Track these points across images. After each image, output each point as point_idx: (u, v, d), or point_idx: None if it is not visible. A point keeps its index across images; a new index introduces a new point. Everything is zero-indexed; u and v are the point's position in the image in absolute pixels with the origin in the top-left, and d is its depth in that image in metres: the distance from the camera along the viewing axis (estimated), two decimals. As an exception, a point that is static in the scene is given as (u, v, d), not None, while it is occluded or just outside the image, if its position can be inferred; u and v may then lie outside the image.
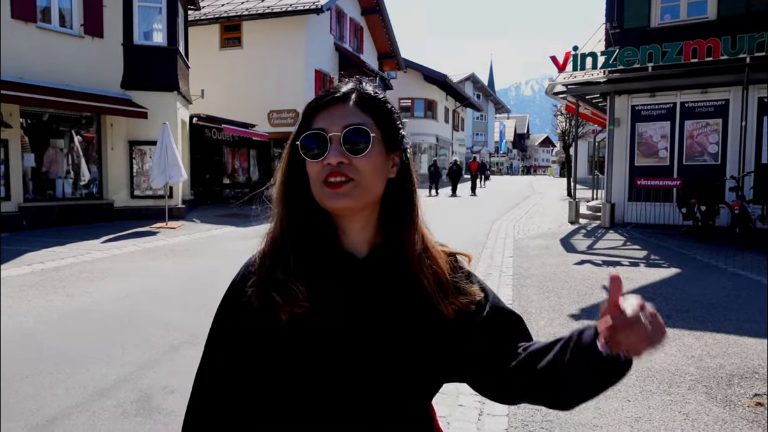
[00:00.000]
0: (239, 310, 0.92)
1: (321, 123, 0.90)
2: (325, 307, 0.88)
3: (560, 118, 25.35)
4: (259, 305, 0.89)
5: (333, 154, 0.87)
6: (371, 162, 0.89)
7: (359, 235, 0.94)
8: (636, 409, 3.36)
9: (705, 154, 11.91)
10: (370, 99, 0.93)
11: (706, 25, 11.60)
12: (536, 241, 10.36)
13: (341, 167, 0.87)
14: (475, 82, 49.45)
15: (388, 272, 0.92)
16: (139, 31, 13.86)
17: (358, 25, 26.22)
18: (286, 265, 0.90)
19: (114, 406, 3.40)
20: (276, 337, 0.88)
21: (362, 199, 0.90)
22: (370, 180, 0.89)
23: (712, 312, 5.48)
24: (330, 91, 0.93)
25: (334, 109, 0.91)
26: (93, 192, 13.39)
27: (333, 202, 0.88)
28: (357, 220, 0.93)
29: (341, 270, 0.92)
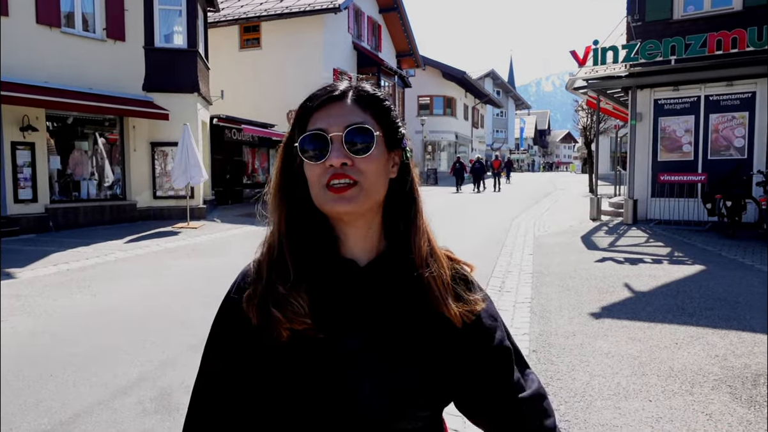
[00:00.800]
0: (237, 324, 0.88)
1: (320, 123, 0.85)
2: (327, 321, 0.84)
3: (581, 113, 25.00)
4: (258, 321, 0.85)
5: (335, 155, 0.82)
6: (374, 162, 0.85)
7: (361, 242, 0.90)
8: (657, 409, 3.30)
9: (731, 149, 11.63)
10: (369, 97, 0.89)
11: (731, 16, 11.32)
12: (557, 239, 10.24)
13: (344, 169, 0.83)
14: (494, 78, 49.06)
15: (392, 280, 0.88)
16: (160, 33, 14.07)
17: (375, 24, 26.22)
18: (285, 278, 0.85)
19: (135, 404, 3.46)
20: (276, 353, 0.84)
21: (367, 203, 0.85)
22: (375, 181, 0.85)
23: (738, 310, 5.35)
24: (327, 89, 0.88)
25: (333, 108, 0.86)
26: (117, 193, 13.64)
27: (337, 207, 0.83)
28: (359, 226, 0.89)
29: (343, 280, 0.88)
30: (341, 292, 0.87)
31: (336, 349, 0.84)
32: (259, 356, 0.86)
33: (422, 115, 34.51)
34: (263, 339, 0.85)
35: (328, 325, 0.84)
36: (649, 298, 5.90)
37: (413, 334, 0.87)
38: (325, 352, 0.84)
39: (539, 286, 6.48)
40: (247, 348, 0.87)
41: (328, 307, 0.85)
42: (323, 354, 0.84)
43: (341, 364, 0.84)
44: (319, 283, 0.86)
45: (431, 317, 0.88)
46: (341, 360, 0.84)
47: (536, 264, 7.82)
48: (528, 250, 9.04)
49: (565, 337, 4.63)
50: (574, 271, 7.29)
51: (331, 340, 0.84)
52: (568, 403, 3.39)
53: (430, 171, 32.60)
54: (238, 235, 11.32)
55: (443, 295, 0.88)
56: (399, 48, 28.89)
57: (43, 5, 11.60)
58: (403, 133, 0.92)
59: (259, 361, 0.86)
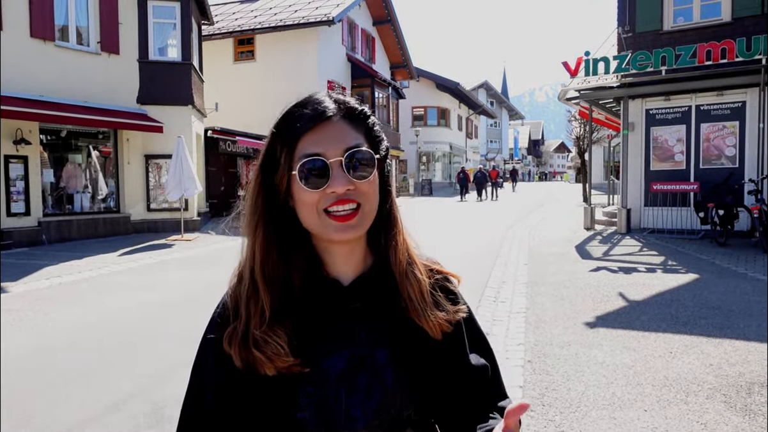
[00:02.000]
0: (219, 362, 0.84)
1: (315, 147, 0.81)
2: (312, 349, 0.82)
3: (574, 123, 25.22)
4: (241, 363, 0.81)
5: (339, 181, 0.79)
6: (373, 184, 0.83)
7: (346, 260, 0.88)
8: (653, 419, 3.29)
9: (722, 158, 11.73)
10: (357, 113, 0.85)
11: (720, 27, 11.47)
12: (551, 248, 10.27)
13: (348, 194, 0.80)
14: (488, 89, 49.41)
15: (375, 297, 0.87)
16: (154, 47, 14.12)
17: (369, 36, 26.40)
18: (262, 317, 0.81)
19: (127, 419, 3.43)
20: (264, 387, 0.81)
21: (367, 226, 0.83)
22: (373, 203, 0.84)
23: (732, 318, 5.36)
24: (315, 109, 0.83)
25: (325, 130, 0.82)
26: (110, 206, 13.60)
27: (340, 235, 0.81)
28: (347, 245, 0.86)
29: (327, 301, 0.85)
30: (325, 315, 0.85)
31: (323, 374, 0.82)
32: (246, 390, 0.82)
33: (416, 126, 34.66)
34: (249, 374, 0.81)
35: (313, 352, 0.82)
36: (644, 307, 5.91)
37: (399, 353, 0.86)
38: (312, 378, 0.81)
39: (534, 296, 6.49)
40: (232, 384, 0.83)
41: (313, 333, 0.83)
42: (311, 381, 0.81)
43: (329, 388, 0.82)
44: (301, 311, 0.83)
45: (414, 332, 0.86)
46: (329, 384, 0.82)
47: (531, 274, 7.83)
48: (523, 259, 9.05)
49: (560, 347, 4.62)
50: (568, 281, 7.30)
51: (317, 366, 0.82)
52: (563, 413, 3.38)
53: (425, 181, 32.68)
54: (233, 248, 11.23)
55: (422, 307, 0.86)
56: (393, 60, 29.08)
57: (37, 19, 11.63)
58: (387, 148, 0.90)
59: (247, 394, 0.83)
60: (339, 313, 0.86)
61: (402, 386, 0.85)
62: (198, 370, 0.88)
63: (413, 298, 0.87)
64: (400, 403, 0.84)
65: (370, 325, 0.87)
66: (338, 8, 20.68)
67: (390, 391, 0.84)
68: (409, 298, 0.87)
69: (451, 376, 0.89)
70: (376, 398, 0.83)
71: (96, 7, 12.89)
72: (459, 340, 0.91)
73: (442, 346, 0.88)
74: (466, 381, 0.91)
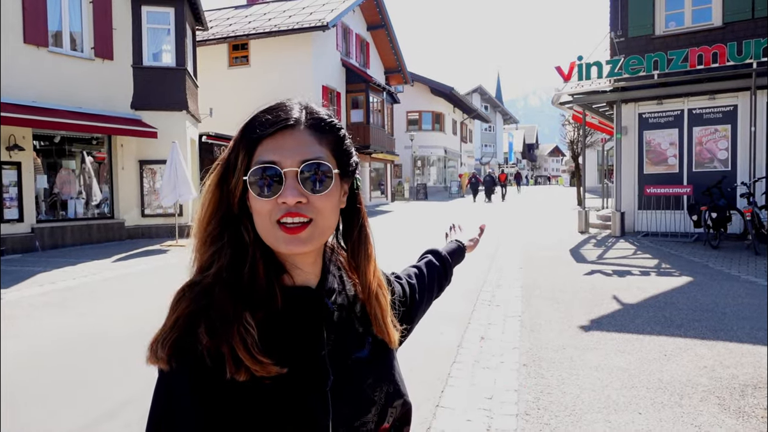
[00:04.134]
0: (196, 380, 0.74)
1: (271, 155, 0.77)
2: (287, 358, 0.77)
3: (568, 127, 25.29)
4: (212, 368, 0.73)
5: (290, 192, 0.76)
6: (330, 199, 0.80)
7: (310, 269, 0.86)
8: (647, 421, 3.31)
9: (715, 161, 11.81)
10: (324, 124, 0.82)
11: (711, 32, 11.58)
12: (546, 252, 10.29)
13: (299, 207, 0.77)
14: (482, 93, 49.59)
15: (343, 304, 0.88)
16: (149, 52, 14.10)
17: (364, 41, 26.47)
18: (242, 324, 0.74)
19: (122, 427, 3.41)
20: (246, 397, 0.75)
21: (320, 242, 0.82)
22: (329, 219, 0.81)
23: (725, 321, 5.40)
24: (278, 115, 0.80)
25: (285, 138, 0.79)
26: (104, 212, 13.54)
27: (290, 249, 0.78)
28: (309, 255, 0.84)
29: (296, 307, 0.82)
30: (299, 320, 0.81)
31: (305, 379, 0.79)
32: (229, 403, 0.75)
33: (411, 131, 34.72)
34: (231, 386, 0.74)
35: (292, 358, 0.78)
36: (638, 310, 5.94)
37: (374, 349, 0.90)
38: (295, 385, 0.78)
39: (529, 300, 6.50)
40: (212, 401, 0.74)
41: (289, 339, 0.80)
42: (288, 392, 0.78)
43: (308, 399, 0.79)
44: (274, 317, 0.79)
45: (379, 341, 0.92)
46: (312, 389, 0.79)
47: (526, 278, 7.85)
48: (517, 263, 9.08)
49: (554, 351, 4.64)
50: (563, 285, 7.32)
51: (298, 372, 0.78)
52: (558, 417, 3.39)
53: (420, 186, 32.74)
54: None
55: (384, 326, 0.91)
56: (387, 64, 29.17)
57: (30, 25, 11.60)
58: (356, 163, 0.87)
59: (230, 407, 0.75)
60: (316, 319, 0.83)
61: (384, 387, 0.89)
62: (161, 409, 0.76)
63: (379, 318, 0.91)
64: (384, 385, 0.89)
65: (347, 327, 0.88)
66: (332, 13, 20.73)
67: (373, 382, 0.87)
68: (375, 318, 0.91)
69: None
70: (363, 394, 0.86)
71: (90, 12, 12.87)
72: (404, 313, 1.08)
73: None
74: None
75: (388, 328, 0.92)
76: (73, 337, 5.38)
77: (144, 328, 4.13)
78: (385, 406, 0.89)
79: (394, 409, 0.90)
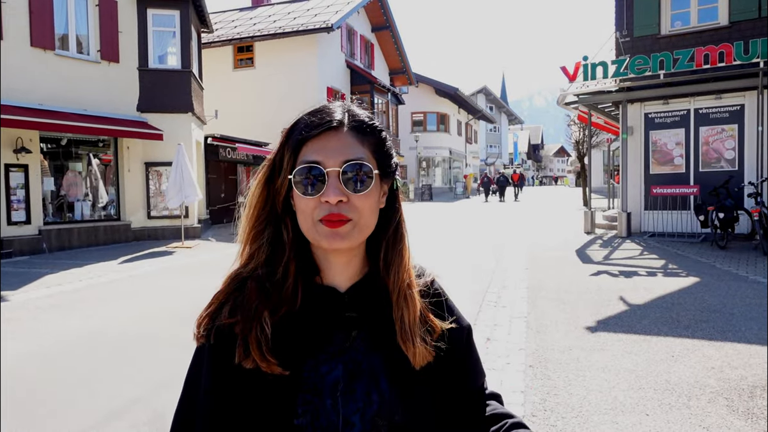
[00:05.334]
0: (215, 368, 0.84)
1: (315, 155, 0.81)
2: (309, 358, 0.84)
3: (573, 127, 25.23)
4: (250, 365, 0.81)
5: (332, 192, 0.79)
6: (370, 199, 0.83)
7: (344, 268, 0.88)
8: (654, 423, 3.29)
9: (722, 161, 11.75)
10: (366, 127, 0.86)
11: (717, 31, 11.51)
12: (552, 252, 10.26)
13: (340, 207, 0.80)
14: (487, 94, 49.52)
15: (371, 306, 0.88)
16: (154, 55, 14.18)
17: (368, 42, 26.49)
18: (262, 320, 0.82)
19: (129, 427, 3.42)
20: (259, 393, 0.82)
21: (359, 239, 0.84)
22: (369, 219, 0.84)
23: (733, 321, 5.36)
24: (323, 118, 0.84)
25: (329, 139, 0.82)
26: (111, 214, 13.61)
27: (330, 243, 0.81)
28: (344, 255, 0.87)
29: (324, 307, 0.86)
30: (322, 322, 0.86)
31: (320, 381, 0.83)
32: (243, 397, 0.82)
33: (416, 132, 34.72)
34: (246, 380, 0.82)
35: (309, 359, 0.83)
36: (645, 311, 5.90)
37: (393, 362, 0.87)
38: (308, 385, 0.82)
39: (535, 300, 6.48)
40: (229, 391, 0.83)
41: (309, 340, 0.84)
42: (307, 388, 0.82)
43: (326, 395, 0.82)
44: (298, 317, 0.84)
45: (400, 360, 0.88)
46: (326, 391, 0.83)
47: (532, 278, 7.83)
48: (523, 264, 9.05)
49: (561, 352, 4.62)
50: (569, 285, 7.29)
51: (314, 373, 0.83)
52: (565, 418, 3.37)
53: (424, 187, 32.71)
54: (233, 255, 11.26)
55: (410, 334, 0.87)
56: (392, 66, 29.18)
57: (37, 28, 11.68)
58: (396, 165, 0.91)
59: (243, 401, 0.82)
60: (335, 321, 0.87)
61: (396, 394, 0.85)
62: (192, 377, 0.88)
63: (405, 322, 0.87)
64: (395, 410, 0.85)
65: (365, 333, 0.88)
66: (337, 15, 20.77)
67: (386, 398, 0.85)
68: (401, 321, 0.87)
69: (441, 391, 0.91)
70: (373, 405, 0.84)
71: (96, 15, 12.95)
72: (453, 355, 0.93)
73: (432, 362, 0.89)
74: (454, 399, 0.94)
75: (413, 336, 0.87)
76: (79, 339, 5.40)
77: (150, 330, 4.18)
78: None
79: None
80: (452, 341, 0.92)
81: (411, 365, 0.87)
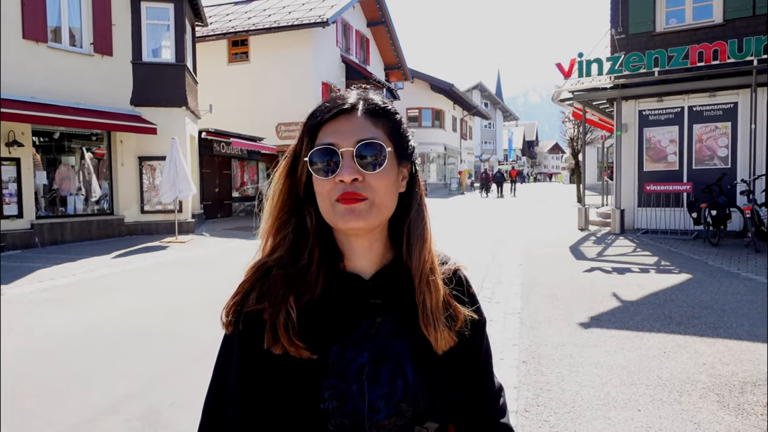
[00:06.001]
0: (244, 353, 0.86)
1: (330, 137, 0.83)
2: (335, 343, 0.86)
3: (568, 124, 25.28)
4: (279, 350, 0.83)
5: (346, 170, 0.81)
6: (385, 178, 0.84)
7: (367, 254, 0.90)
8: (646, 418, 3.31)
9: (715, 158, 11.81)
10: (380, 109, 0.88)
11: (712, 29, 11.56)
12: (546, 249, 10.30)
13: (355, 185, 0.82)
14: (482, 90, 49.53)
15: (395, 292, 0.89)
16: (148, 48, 14.07)
17: (364, 37, 26.41)
18: (289, 306, 0.84)
19: (122, 422, 3.42)
20: (287, 378, 0.84)
21: (377, 220, 0.84)
22: (385, 198, 0.84)
23: (724, 318, 5.40)
24: (336, 102, 0.86)
25: (343, 122, 0.85)
26: (104, 208, 13.53)
27: (346, 222, 0.82)
28: (365, 238, 0.88)
29: (350, 293, 0.88)
30: (347, 308, 0.87)
31: (346, 366, 0.85)
32: (270, 381, 0.84)
33: (411, 127, 34.25)
34: (274, 365, 0.84)
35: (335, 345, 0.85)
36: (637, 308, 5.94)
37: (417, 348, 0.88)
38: (335, 371, 0.84)
39: (528, 296, 6.51)
40: (257, 375, 0.85)
41: (335, 326, 0.86)
42: (334, 373, 0.84)
43: (352, 381, 0.84)
44: (324, 304, 0.86)
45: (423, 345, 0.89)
46: (352, 377, 0.84)
47: (525, 274, 7.86)
48: (517, 260, 9.08)
49: (554, 348, 4.64)
50: (562, 282, 7.32)
51: (340, 358, 0.85)
52: (558, 414, 3.40)
53: (419, 183, 32.74)
54: (228, 250, 11.26)
55: (433, 318, 0.87)
56: (387, 61, 29.09)
57: (29, 20, 11.57)
58: (413, 147, 0.92)
59: (271, 385, 0.84)
60: (360, 307, 0.88)
61: (420, 380, 0.87)
62: (222, 364, 0.90)
63: (427, 306, 0.88)
64: (420, 395, 0.86)
65: (390, 319, 0.89)
66: (332, 10, 20.67)
67: (411, 383, 0.86)
68: (423, 305, 0.88)
69: (461, 377, 0.93)
70: (397, 391, 0.85)
71: (89, 8, 12.83)
72: (471, 344, 0.94)
73: (454, 347, 0.90)
74: (474, 384, 0.96)
75: (436, 321, 0.87)
76: (73, 333, 5.38)
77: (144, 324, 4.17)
78: (411, 424, 0.86)
79: (424, 430, 0.87)
80: (473, 329, 0.93)
81: (434, 351, 0.88)
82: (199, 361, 4.41)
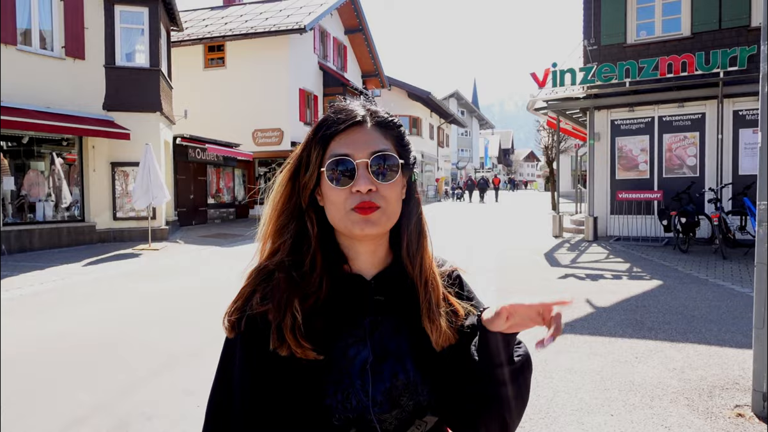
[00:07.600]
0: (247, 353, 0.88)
1: (344, 148, 0.88)
2: (339, 340, 0.88)
3: (543, 133, 25.67)
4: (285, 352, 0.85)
5: (363, 181, 0.85)
6: (395, 188, 0.89)
7: (370, 258, 0.94)
8: (619, 423, 3.36)
9: (684, 167, 12.11)
10: (387, 122, 0.93)
11: (680, 41, 11.88)
12: (520, 255, 10.41)
13: (370, 195, 0.86)
14: (459, 98, 49.97)
15: (395, 292, 0.93)
16: (122, 52, 13.86)
17: (341, 44, 26.45)
18: (293, 307, 0.86)
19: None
20: (290, 374, 0.86)
21: (387, 226, 0.90)
22: (395, 206, 0.90)
23: (694, 323, 5.52)
24: (347, 114, 0.90)
25: (355, 134, 0.89)
26: (75, 215, 13.23)
27: (362, 229, 0.86)
28: (371, 243, 0.92)
29: (353, 293, 0.91)
30: (350, 306, 0.90)
31: (349, 362, 0.87)
32: (274, 379, 0.86)
33: (388, 135, 34.78)
34: (278, 364, 0.86)
35: (339, 342, 0.88)
36: (610, 313, 6.04)
37: (417, 344, 0.91)
38: (338, 367, 0.87)
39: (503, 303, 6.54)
40: (261, 374, 0.87)
41: (338, 324, 0.88)
42: (337, 369, 0.87)
43: (355, 376, 0.87)
44: (327, 303, 0.88)
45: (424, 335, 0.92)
46: (355, 373, 0.87)
47: (500, 281, 7.92)
48: (493, 266, 9.15)
49: (529, 354, 4.67)
50: (537, 288, 7.41)
51: (343, 355, 0.88)
52: (532, 419, 3.42)
53: (396, 190, 32.86)
54: (202, 257, 11.10)
55: (434, 316, 0.91)
56: (364, 68, 29.18)
57: (-2, 22, 11.30)
58: (415, 158, 0.97)
59: (275, 383, 0.86)
60: (362, 306, 0.91)
61: (421, 375, 0.90)
62: (225, 368, 0.92)
63: (429, 305, 0.92)
64: (420, 390, 0.89)
65: (391, 317, 0.92)
66: (310, 16, 20.67)
67: (412, 378, 0.89)
68: (425, 302, 0.92)
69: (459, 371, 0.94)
70: (399, 386, 0.88)
71: (60, 10, 12.59)
72: (471, 339, 0.95)
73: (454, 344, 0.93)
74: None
75: (438, 316, 0.91)
76: (40, 344, 5.23)
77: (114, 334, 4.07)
78: (411, 417, 0.89)
79: (423, 423, 0.91)
80: (472, 327, 0.95)
81: (434, 347, 0.91)
82: (168, 371, 4.33)
